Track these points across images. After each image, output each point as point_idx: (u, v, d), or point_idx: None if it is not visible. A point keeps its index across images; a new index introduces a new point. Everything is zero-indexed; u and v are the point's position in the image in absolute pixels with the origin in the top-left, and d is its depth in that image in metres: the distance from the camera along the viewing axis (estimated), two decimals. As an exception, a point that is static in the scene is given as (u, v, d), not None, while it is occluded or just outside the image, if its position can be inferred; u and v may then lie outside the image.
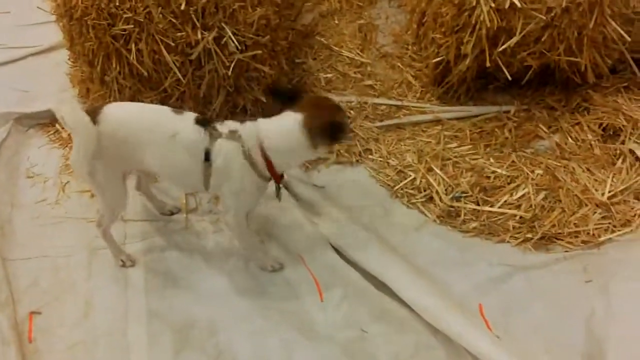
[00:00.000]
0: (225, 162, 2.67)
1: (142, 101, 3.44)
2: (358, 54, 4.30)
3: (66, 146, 3.73)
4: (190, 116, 2.71)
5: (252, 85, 3.56)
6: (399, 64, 4.25)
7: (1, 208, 3.39)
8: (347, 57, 4.26)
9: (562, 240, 3.16)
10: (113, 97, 3.39)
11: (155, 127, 2.67)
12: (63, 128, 3.81)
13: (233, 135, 2.66)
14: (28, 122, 3.88)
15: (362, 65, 4.23)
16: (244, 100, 3.61)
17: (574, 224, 3.21)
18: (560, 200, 3.31)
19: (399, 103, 3.94)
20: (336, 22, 4.56)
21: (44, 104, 3.90)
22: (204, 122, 2.69)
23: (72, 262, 3.12)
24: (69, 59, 3.76)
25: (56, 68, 4.16)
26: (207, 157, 2.66)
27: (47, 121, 3.88)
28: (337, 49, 4.33)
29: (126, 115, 2.69)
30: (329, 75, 4.15)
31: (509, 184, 3.40)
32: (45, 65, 4.27)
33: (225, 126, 2.69)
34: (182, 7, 3.16)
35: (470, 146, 3.66)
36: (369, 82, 4.10)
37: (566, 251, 3.12)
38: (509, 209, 3.27)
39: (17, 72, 4.27)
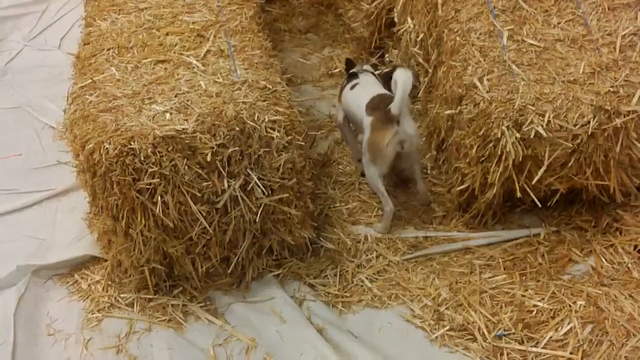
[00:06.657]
0: None
1: (166, 251, 3.35)
2: (377, 180, 4.22)
3: (86, 298, 3.59)
4: None
5: (279, 227, 3.47)
6: (420, 190, 4.17)
7: (23, 375, 3.23)
8: (367, 185, 4.17)
9: (614, 376, 3.03)
10: (137, 249, 3.28)
11: None
12: (82, 278, 3.70)
13: None
14: (46, 273, 3.73)
15: (382, 193, 4.14)
16: (270, 242, 3.52)
17: (625, 357, 3.08)
18: (607, 333, 3.18)
19: (425, 234, 3.86)
20: (351, 148, 4.51)
21: (61, 253, 3.79)
22: None
23: None
24: (90, 212, 3.67)
25: (72, 213, 4.05)
26: None
27: (66, 271, 3.75)
28: (355, 177, 4.27)
29: None
30: (350, 206, 4.08)
31: (552, 318, 3.27)
32: (61, 210, 4.14)
33: None
34: (208, 158, 3.12)
35: (505, 275, 3.55)
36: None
37: (621, 389, 2.99)
38: (556, 346, 3.14)
39: (32, 218, 4.11)
